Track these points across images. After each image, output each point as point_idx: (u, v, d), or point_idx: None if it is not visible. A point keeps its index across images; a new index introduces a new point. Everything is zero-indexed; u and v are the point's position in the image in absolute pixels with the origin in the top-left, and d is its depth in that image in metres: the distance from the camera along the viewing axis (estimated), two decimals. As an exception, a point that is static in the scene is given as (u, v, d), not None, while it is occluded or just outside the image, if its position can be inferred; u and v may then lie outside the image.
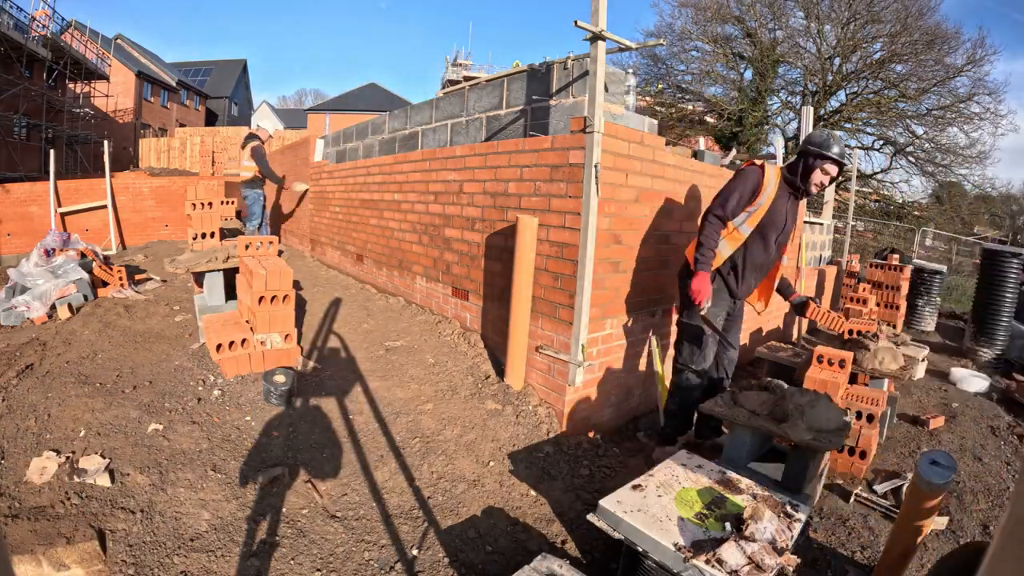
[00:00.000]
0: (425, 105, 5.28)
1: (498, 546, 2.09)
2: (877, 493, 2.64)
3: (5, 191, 8.77)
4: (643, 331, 3.26)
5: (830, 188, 7.81)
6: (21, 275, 4.45)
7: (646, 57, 19.45)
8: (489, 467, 2.54)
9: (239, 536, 2.00)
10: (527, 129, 3.95)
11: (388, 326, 4.05)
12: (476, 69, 22.71)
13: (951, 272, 11.35)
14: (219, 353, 3.08)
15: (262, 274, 3.12)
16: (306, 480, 2.35)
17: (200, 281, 4.19)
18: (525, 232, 2.89)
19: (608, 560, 2.08)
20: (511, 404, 2.97)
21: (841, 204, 14.57)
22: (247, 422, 2.71)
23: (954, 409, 3.96)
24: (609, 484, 2.48)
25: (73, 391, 2.80)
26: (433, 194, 4.04)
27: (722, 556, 1.53)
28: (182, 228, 9.76)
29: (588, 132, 2.61)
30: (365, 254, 5.42)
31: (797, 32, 18.12)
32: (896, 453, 3.17)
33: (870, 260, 7.24)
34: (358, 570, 1.92)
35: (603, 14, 2.61)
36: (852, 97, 18.09)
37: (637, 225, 3.02)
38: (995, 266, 5.58)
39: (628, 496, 1.85)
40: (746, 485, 1.97)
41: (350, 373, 3.31)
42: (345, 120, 8.90)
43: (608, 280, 2.91)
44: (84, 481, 2.14)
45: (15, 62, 14.67)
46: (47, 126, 16.29)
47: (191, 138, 20.00)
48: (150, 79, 25.38)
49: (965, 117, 16.48)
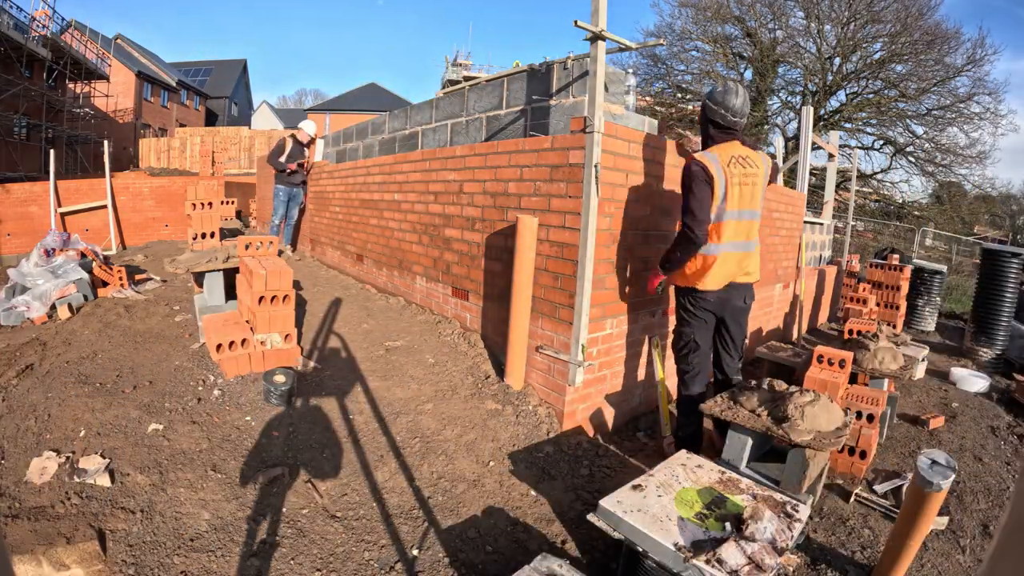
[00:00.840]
0: (425, 105, 5.28)
1: (498, 546, 2.09)
2: (877, 493, 2.64)
3: (5, 191, 8.77)
4: (643, 331, 3.26)
5: (830, 188, 7.84)
6: (21, 275, 4.45)
7: (646, 57, 19.48)
8: (489, 467, 2.54)
9: (239, 536, 2.00)
10: (527, 129, 3.95)
11: (388, 326, 4.05)
12: (476, 69, 22.72)
13: (951, 272, 11.35)
14: (219, 353, 3.08)
15: (262, 274, 3.12)
16: (306, 480, 2.35)
17: (200, 281, 4.19)
18: (525, 232, 2.89)
19: (608, 560, 2.08)
20: (511, 404, 2.97)
21: (841, 204, 14.57)
22: (247, 422, 2.71)
23: (954, 409, 3.96)
24: (609, 484, 2.48)
25: (73, 391, 2.80)
26: (433, 194, 4.04)
27: (722, 556, 1.53)
28: (182, 228, 9.76)
29: (588, 132, 2.61)
30: (365, 254, 5.42)
31: (797, 32, 18.14)
32: (896, 453, 3.17)
33: (870, 260, 7.24)
34: (358, 570, 1.92)
35: (603, 14, 2.61)
36: (852, 97, 18.10)
37: (637, 225, 3.02)
38: (995, 266, 5.58)
39: (628, 496, 1.85)
40: (746, 485, 1.97)
41: (350, 373, 3.31)
42: (345, 120, 8.91)
43: (608, 280, 2.91)
44: (84, 481, 2.14)
45: (15, 62, 14.67)
46: (47, 126, 16.30)
47: (191, 138, 20.00)
48: (150, 79, 25.39)
49: (965, 117, 16.50)
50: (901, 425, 3.59)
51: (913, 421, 3.65)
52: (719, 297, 2.63)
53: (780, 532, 1.64)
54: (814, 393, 2.22)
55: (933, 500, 1.68)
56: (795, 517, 1.79)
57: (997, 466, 3.12)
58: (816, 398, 2.18)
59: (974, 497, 2.73)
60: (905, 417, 3.71)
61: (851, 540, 2.30)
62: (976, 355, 5.61)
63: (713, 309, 2.67)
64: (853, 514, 2.48)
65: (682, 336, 2.77)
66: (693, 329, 2.71)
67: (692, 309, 2.69)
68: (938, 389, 4.45)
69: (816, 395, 2.20)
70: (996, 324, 5.56)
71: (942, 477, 1.64)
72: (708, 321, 2.71)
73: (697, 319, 2.69)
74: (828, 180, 7.94)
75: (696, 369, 2.76)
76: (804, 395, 2.19)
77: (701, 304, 2.66)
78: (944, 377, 4.78)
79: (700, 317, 2.69)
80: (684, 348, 2.77)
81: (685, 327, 2.75)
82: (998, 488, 2.85)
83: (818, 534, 2.33)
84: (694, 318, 2.70)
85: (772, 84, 18.86)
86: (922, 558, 2.20)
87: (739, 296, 2.68)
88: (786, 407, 2.15)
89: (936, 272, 7.21)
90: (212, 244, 4.58)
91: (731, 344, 2.78)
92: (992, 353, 5.56)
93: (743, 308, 2.74)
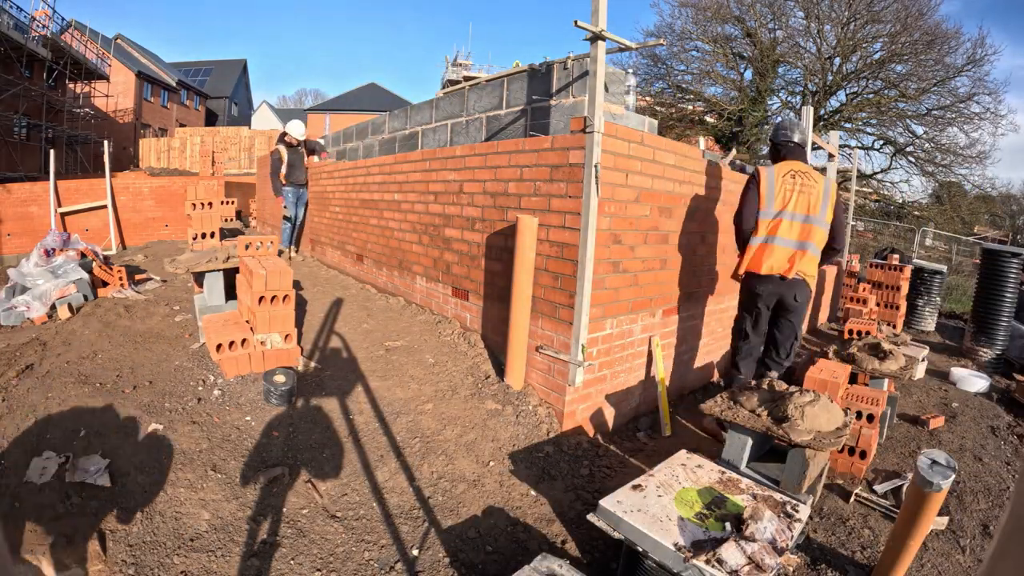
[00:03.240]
0: (425, 105, 5.29)
1: (498, 546, 2.09)
2: (877, 493, 2.64)
3: (6, 191, 8.78)
4: (643, 331, 3.26)
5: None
6: (21, 275, 4.45)
7: (646, 57, 19.47)
8: (489, 467, 2.54)
9: (239, 536, 2.00)
10: (527, 129, 3.95)
11: (388, 326, 4.05)
12: (476, 69, 22.72)
13: (951, 272, 11.35)
14: (219, 353, 3.08)
15: (262, 274, 3.12)
16: (306, 480, 2.35)
17: (200, 281, 4.19)
18: (525, 232, 2.89)
19: (608, 560, 2.08)
20: (511, 404, 2.97)
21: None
22: (247, 422, 2.71)
23: (954, 409, 3.96)
24: (609, 484, 2.48)
25: (73, 391, 2.80)
26: (433, 194, 4.04)
27: (722, 556, 1.53)
28: (182, 228, 9.76)
29: (588, 132, 2.61)
30: (365, 254, 5.41)
31: (797, 32, 18.14)
32: (896, 453, 3.17)
33: (870, 260, 7.25)
34: (358, 570, 1.92)
35: (603, 14, 2.61)
36: (852, 97, 18.10)
37: (637, 225, 3.03)
38: (995, 266, 5.58)
39: (628, 496, 1.85)
40: (746, 485, 1.97)
41: (350, 373, 3.31)
42: (345, 120, 8.90)
43: (608, 280, 2.91)
44: (84, 481, 2.14)
45: (15, 62, 14.68)
46: (47, 126, 16.30)
47: (191, 138, 19.99)
48: (150, 79, 25.39)
49: (965, 117, 16.50)
50: (901, 425, 3.59)
51: (913, 421, 3.65)
52: (768, 290, 2.97)
53: (780, 532, 1.64)
54: (814, 393, 2.22)
55: (933, 500, 1.68)
56: (795, 517, 1.79)
57: (997, 466, 3.12)
58: (816, 398, 2.18)
59: (974, 497, 2.73)
60: (905, 417, 3.71)
61: (851, 540, 2.30)
62: (976, 355, 5.61)
63: (763, 301, 3.02)
64: (853, 514, 2.48)
65: (737, 324, 3.23)
66: (745, 321, 3.13)
67: (745, 300, 3.12)
68: (938, 389, 4.45)
69: (816, 395, 2.20)
70: (996, 324, 5.56)
71: (942, 477, 1.64)
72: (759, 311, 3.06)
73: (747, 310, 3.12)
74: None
75: (743, 354, 3.17)
76: (804, 395, 2.19)
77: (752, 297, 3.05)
78: (944, 377, 4.78)
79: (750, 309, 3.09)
80: (738, 334, 3.21)
81: (740, 318, 3.19)
82: (998, 488, 2.85)
83: (818, 534, 2.33)
84: (746, 309, 3.13)
85: (772, 84, 18.85)
86: (922, 558, 2.20)
87: (790, 292, 2.97)
88: (786, 407, 2.15)
89: (936, 272, 7.20)
90: (212, 244, 4.59)
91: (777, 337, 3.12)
92: (992, 353, 5.56)
93: (795, 305, 3.01)
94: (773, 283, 2.94)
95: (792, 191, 2.92)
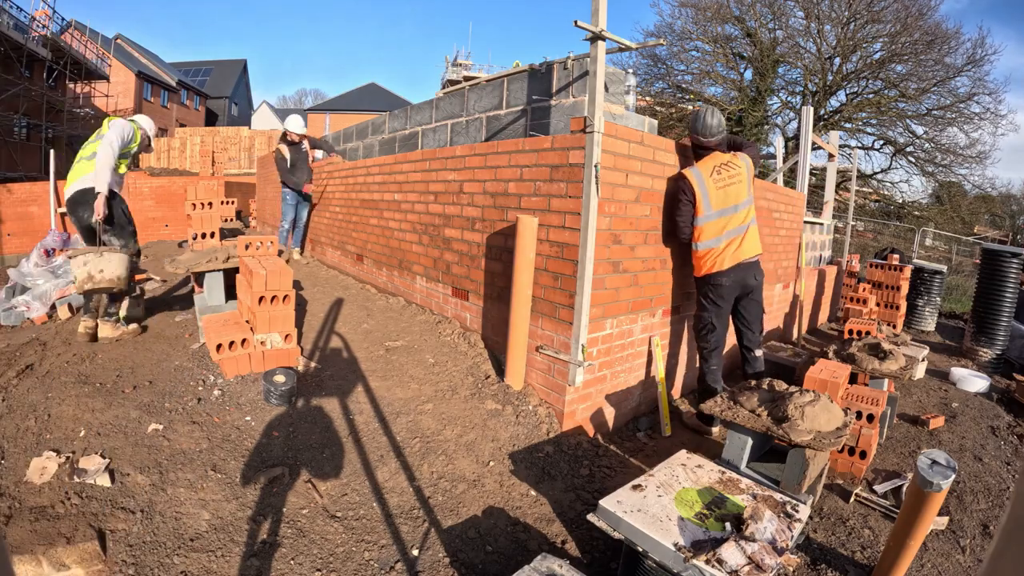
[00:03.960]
0: (425, 105, 5.29)
1: (498, 546, 2.09)
2: (877, 493, 2.64)
3: (6, 191, 8.78)
4: (643, 331, 3.26)
5: (830, 188, 7.84)
6: (21, 275, 4.45)
7: (646, 57, 19.46)
8: (489, 467, 2.54)
9: (239, 536, 2.00)
10: (527, 129, 3.95)
11: (388, 326, 4.05)
12: (476, 69, 22.73)
13: (951, 272, 11.36)
14: (219, 353, 3.08)
15: (262, 274, 3.12)
16: (306, 480, 2.35)
17: (200, 281, 4.19)
18: (525, 232, 2.89)
19: (608, 560, 2.08)
20: (511, 404, 2.97)
21: (841, 204, 14.58)
22: (247, 422, 2.71)
23: (954, 409, 3.96)
24: (609, 484, 2.48)
25: (73, 391, 2.80)
26: (433, 194, 4.04)
27: (722, 556, 1.53)
28: (182, 228, 9.76)
29: (588, 132, 2.61)
30: (365, 254, 5.42)
31: (797, 32, 18.14)
32: (896, 453, 3.17)
33: (870, 260, 7.24)
34: (358, 570, 1.92)
35: (603, 14, 2.61)
36: (852, 97, 18.10)
37: (637, 225, 3.03)
38: (995, 266, 5.58)
39: (628, 496, 1.85)
40: (746, 485, 1.97)
41: (350, 373, 3.31)
42: (345, 120, 8.91)
43: (608, 280, 2.91)
44: (84, 481, 2.14)
45: (15, 62, 14.68)
46: (47, 126, 16.31)
47: (191, 138, 19.99)
48: (150, 79, 25.39)
49: (965, 117, 16.50)
50: (901, 425, 3.59)
51: (913, 421, 3.65)
52: (732, 280, 3.08)
53: (780, 532, 1.64)
54: (814, 393, 2.22)
55: (933, 500, 1.68)
56: (795, 517, 1.79)
57: (997, 466, 3.12)
58: (816, 398, 2.18)
59: (974, 497, 2.73)
60: (905, 417, 3.71)
61: (851, 540, 2.30)
62: (976, 355, 5.61)
63: (728, 291, 3.11)
64: (853, 514, 2.48)
65: (701, 319, 3.24)
66: (711, 313, 3.16)
67: (711, 296, 3.14)
68: (938, 389, 4.45)
69: (816, 395, 2.20)
70: (996, 324, 5.56)
71: (942, 477, 1.64)
72: (725, 302, 3.15)
73: (713, 304, 3.15)
74: (828, 180, 7.94)
75: (712, 346, 3.23)
76: (804, 395, 2.19)
77: (718, 290, 3.11)
78: (944, 377, 4.78)
79: (716, 302, 3.14)
80: (703, 329, 3.23)
81: (703, 311, 3.21)
82: (998, 488, 2.85)
83: (818, 534, 2.33)
84: (711, 303, 3.16)
85: (772, 84, 18.85)
86: (922, 558, 2.20)
87: (749, 274, 3.12)
88: (786, 407, 2.15)
89: (936, 272, 7.21)
90: (212, 244, 4.59)
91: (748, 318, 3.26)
92: (992, 353, 5.56)
93: (755, 285, 3.17)
94: (735, 271, 3.08)
95: (722, 188, 3.03)
